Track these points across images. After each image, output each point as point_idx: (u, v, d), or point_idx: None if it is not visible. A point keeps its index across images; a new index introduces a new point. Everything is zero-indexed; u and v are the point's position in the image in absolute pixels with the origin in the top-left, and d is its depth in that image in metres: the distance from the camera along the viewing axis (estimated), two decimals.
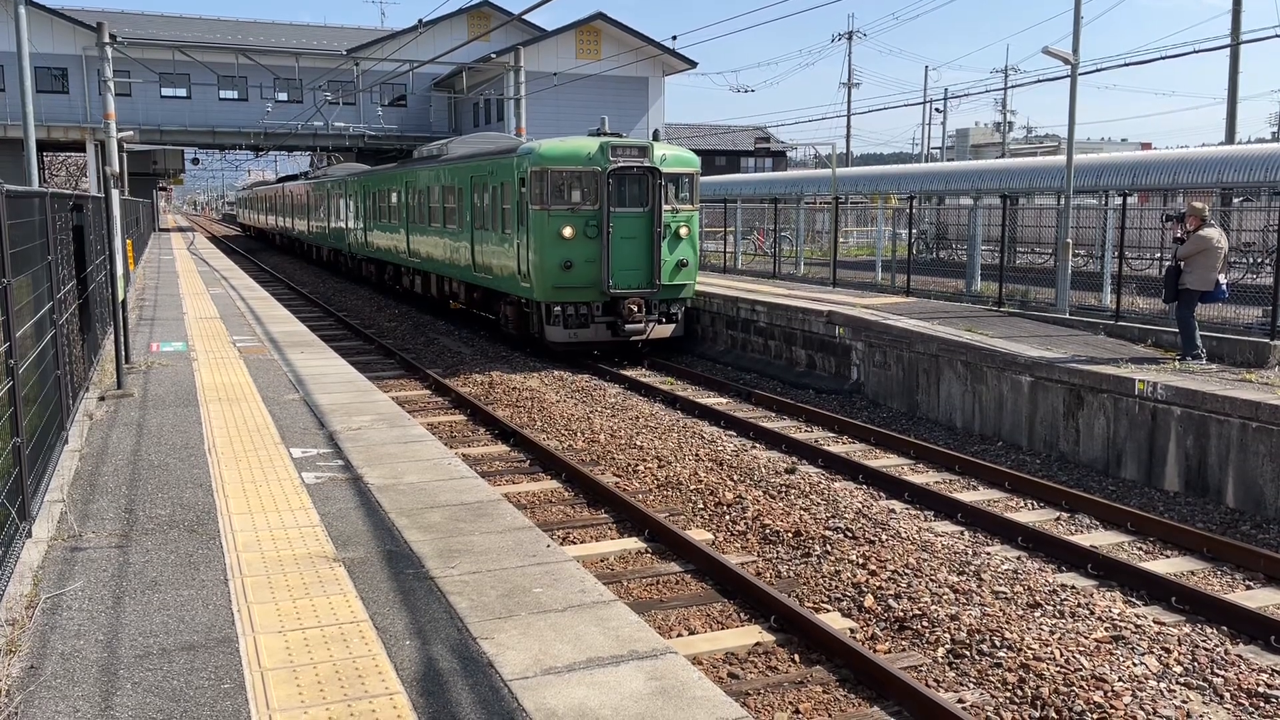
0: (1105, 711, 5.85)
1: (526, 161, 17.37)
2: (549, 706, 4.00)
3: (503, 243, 18.75)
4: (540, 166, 17.16)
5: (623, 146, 17.35)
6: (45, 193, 8.00)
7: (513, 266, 18.21)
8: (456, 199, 21.70)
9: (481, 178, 19.93)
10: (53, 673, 4.29)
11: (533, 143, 18.08)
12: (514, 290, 18.50)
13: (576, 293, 17.28)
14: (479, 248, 20.25)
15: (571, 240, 17.05)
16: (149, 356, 12.81)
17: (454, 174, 22.02)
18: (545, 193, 17.13)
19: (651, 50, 44.14)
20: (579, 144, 17.51)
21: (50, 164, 64.30)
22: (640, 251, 17.47)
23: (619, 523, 9.29)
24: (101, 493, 6.90)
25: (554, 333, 17.44)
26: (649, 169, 17.37)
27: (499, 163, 18.93)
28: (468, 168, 21.00)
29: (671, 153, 17.97)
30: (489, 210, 19.49)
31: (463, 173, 21.35)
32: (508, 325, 19.42)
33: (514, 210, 17.97)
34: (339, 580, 5.33)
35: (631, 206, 17.41)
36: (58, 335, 7.93)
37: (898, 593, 7.59)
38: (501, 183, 18.64)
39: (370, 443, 8.35)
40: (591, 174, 17.19)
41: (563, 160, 17.25)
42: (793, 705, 6.05)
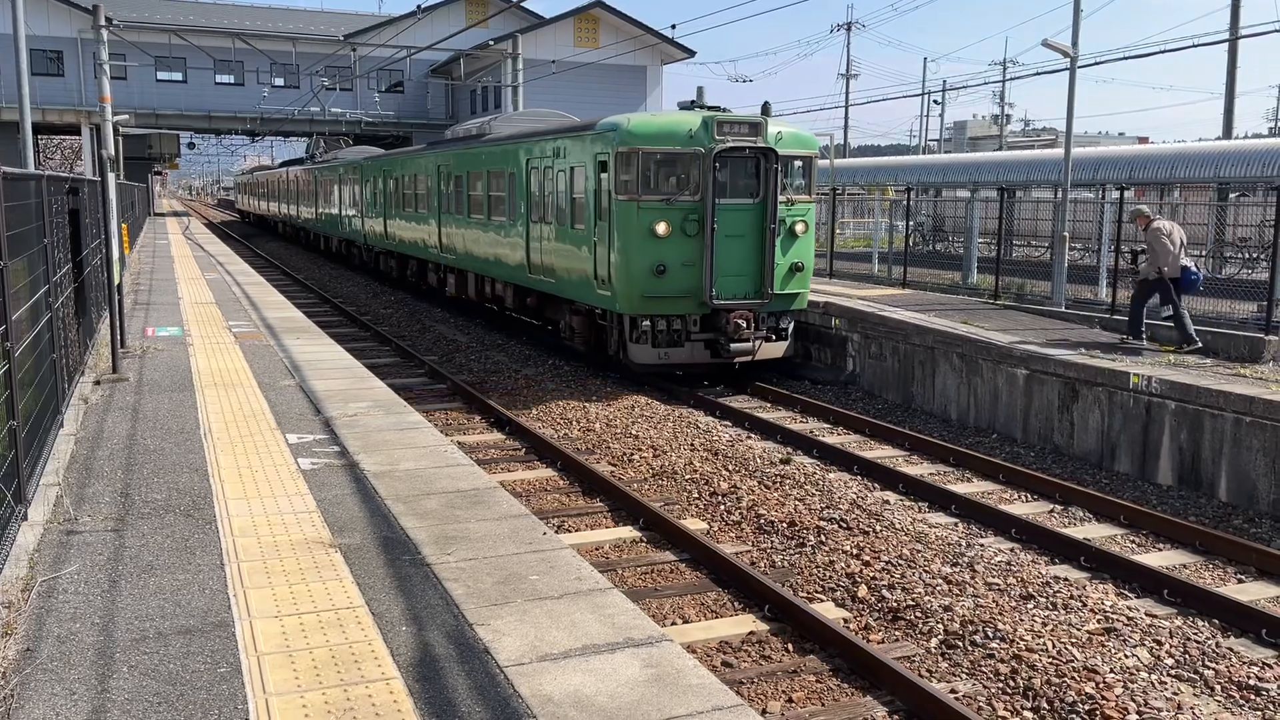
0: (1097, 703, 5.88)
1: (610, 140, 14.01)
2: (545, 693, 4.02)
3: (572, 240, 15.45)
4: (629, 147, 13.81)
5: (731, 122, 14.08)
6: (41, 175, 7.98)
7: (585, 269, 14.95)
8: (507, 186, 18.20)
9: (543, 161, 16.53)
10: (49, 655, 4.30)
11: (617, 117, 14.48)
12: (585, 298, 15.28)
13: (670, 304, 14.12)
14: (537, 245, 16.86)
15: (666, 239, 13.87)
16: (144, 341, 12.78)
17: (504, 156, 18.44)
18: (635, 179, 13.87)
19: (650, 39, 44.03)
20: (676, 119, 14.24)
21: (45, 147, 64.02)
22: (749, 253, 14.32)
23: (615, 511, 9.31)
24: (97, 477, 6.89)
25: (639, 352, 14.24)
26: (762, 150, 14.15)
27: (570, 142, 15.53)
28: (523, 149, 17.48)
29: (788, 131, 14.64)
30: (553, 200, 16.15)
31: (516, 155, 17.79)
32: (571, 338, 16.40)
33: (589, 200, 14.70)
34: (335, 566, 5.34)
35: (739, 197, 14.27)
36: (53, 319, 7.91)
37: (891, 583, 7.62)
38: (571, 167, 15.36)
39: (367, 429, 8.35)
40: (692, 156, 13.97)
41: (657, 138, 13.90)
42: (786, 694, 6.08)
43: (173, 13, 48.48)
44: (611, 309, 14.57)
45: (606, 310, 14.83)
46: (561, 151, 15.77)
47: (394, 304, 25.17)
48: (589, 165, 14.69)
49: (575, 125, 16.09)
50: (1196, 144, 25.89)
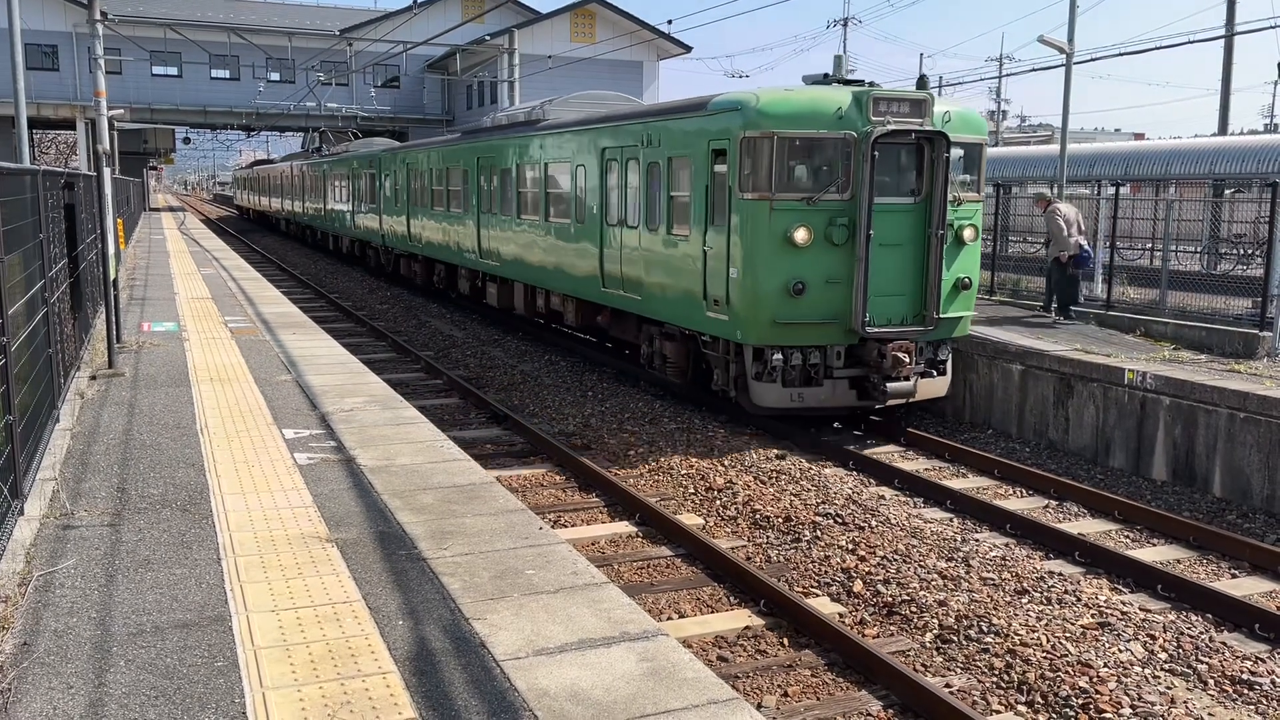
0: (1090, 696, 5.91)
1: (733, 122, 11.10)
2: (541, 686, 4.03)
3: (670, 249, 12.55)
4: (759, 130, 10.82)
5: (891, 99, 11.15)
6: (37, 170, 7.97)
7: (689, 286, 12.05)
8: (573, 181, 15.27)
9: (626, 150, 13.61)
10: (46, 650, 4.31)
11: (739, 93, 11.47)
12: (687, 322, 12.34)
13: (808, 332, 11.17)
14: (615, 254, 13.99)
15: (806, 249, 10.90)
16: (140, 336, 12.77)
17: (570, 146, 15.44)
18: (767, 172, 10.87)
19: (646, 34, 44.00)
20: (821, 96, 11.18)
21: (40, 142, 63.88)
22: (908, 266, 11.38)
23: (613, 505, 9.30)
24: (93, 471, 6.89)
25: (765, 392, 11.29)
26: (929, 135, 11.18)
27: (668, 126, 12.59)
28: (597, 136, 14.49)
29: (956, 111, 11.69)
30: (640, 198, 13.21)
31: (587, 144, 14.81)
32: (660, 367, 13.49)
33: (697, 199, 11.81)
34: (332, 560, 5.35)
35: (897, 195, 11.32)
36: (49, 314, 7.91)
37: (886, 578, 7.65)
38: (669, 157, 12.47)
39: (363, 424, 8.35)
40: (842, 142, 10.99)
41: (797, 119, 10.93)
42: (781, 688, 6.10)
43: (168, 7, 48.37)
44: (728, 337, 11.54)
45: (718, 338, 11.86)
46: (654, 138, 12.82)
47: (390, 299, 25.15)
48: (698, 154, 11.77)
49: (675, 105, 12.88)
50: (1192, 140, 25.94)
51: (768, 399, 11.37)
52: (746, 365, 11.45)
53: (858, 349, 11.49)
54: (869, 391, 11.57)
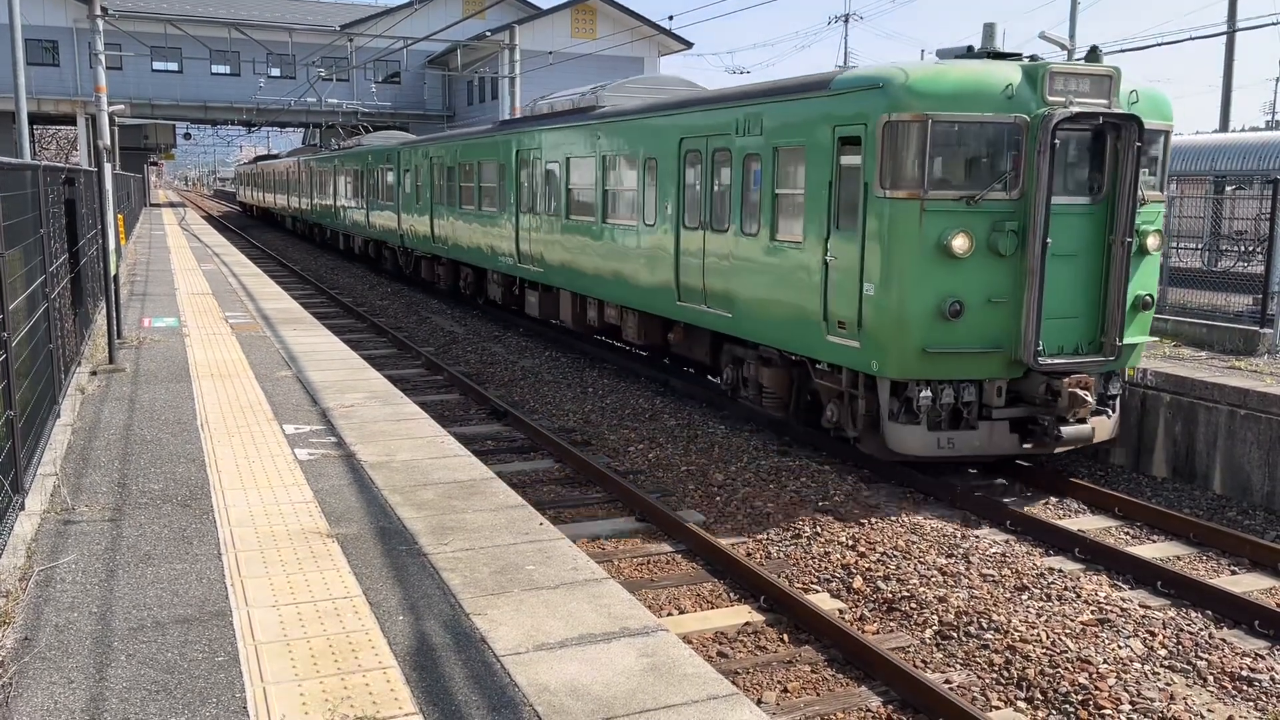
0: (1090, 693, 5.92)
1: (872, 102, 9.18)
2: (541, 682, 4.04)
3: (777, 258, 10.55)
4: (910, 113, 8.92)
5: (1070, 75, 9.19)
6: (38, 166, 7.97)
7: (807, 304, 10.08)
8: (642, 177, 13.29)
9: (713, 140, 11.62)
10: (47, 644, 4.31)
11: (880, 68, 9.54)
12: (802, 346, 10.35)
13: (964, 363, 9.27)
14: (695, 261, 12.04)
15: (965, 260, 9.04)
16: (141, 332, 12.78)
17: (640, 134, 13.39)
18: (919, 165, 8.99)
19: (647, 30, 43.98)
20: (983, 71, 9.21)
21: (40, 137, 63.88)
22: (1085, 282, 9.48)
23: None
24: (94, 467, 6.90)
25: (906, 436, 9.39)
26: (1114, 120, 9.25)
27: (775, 110, 10.52)
28: (677, 123, 12.44)
29: (1143, 90, 9.74)
30: (734, 196, 11.26)
31: (662, 131, 12.79)
32: (754, 397, 11.58)
33: (820, 198, 9.82)
34: (332, 556, 5.35)
35: (1073, 194, 9.41)
36: (50, 309, 7.92)
37: (886, 574, 7.66)
38: (775, 147, 10.48)
39: (363, 420, 8.36)
40: (1011, 129, 9.09)
41: (957, 99, 9.01)
42: (781, 684, 6.11)
43: (168, 2, 48.35)
44: (858, 367, 9.64)
45: (839, 367, 9.97)
46: (753, 125, 10.84)
47: (391, 295, 25.15)
48: (818, 143, 9.82)
49: (782, 85, 10.81)
50: (1193, 136, 25.92)
51: (909, 444, 9.35)
52: (881, 403, 9.45)
53: (1021, 384, 9.49)
54: (1039, 436, 9.53)
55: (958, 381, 9.40)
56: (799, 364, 10.85)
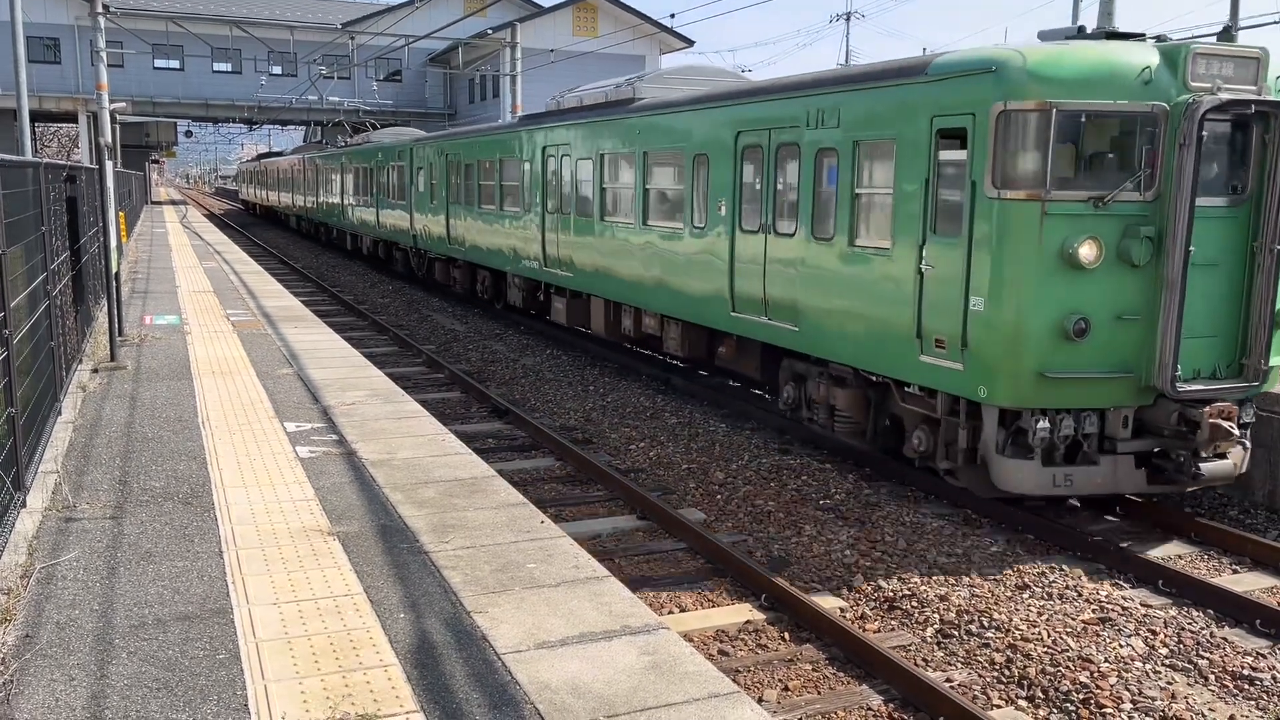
0: (1091, 691, 5.92)
1: (983, 89, 8.07)
2: (542, 680, 4.04)
3: (859, 266, 9.44)
4: (1032, 101, 7.82)
5: (1214, 56, 8.10)
6: (39, 163, 7.97)
7: (895, 318, 8.97)
8: (689, 174, 12.12)
9: (777, 133, 10.47)
10: (48, 641, 4.32)
11: (994, 50, 8.36)
12: (888, 366, 9.20)
13: (1087, 389, 8.19)
14: (753, 267, 10.93)
15: (1091, 271, 7.97)
16: (142, 329, 12.78)
17: (689, 128, 12.17)
18: (1040, 161, 7.87)
19: (648, 28, 43.98)
20: (1114, 53, 8.11)
21: (42, 135, 63.91)
22: (1225, 295, 8.41)
23: None
24: (95, 464, 6.90)
25: (1016, 471, 8.26)
26: (1268, 108, 8.14)
27: (860, 99, 9.38)
28: (733, 115, 11.25)
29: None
30: (805, 197, 10.06)
31: (715, 125, 11.59)
32: (824, 421, 10.28)
33: (912, 198, 8.73)
34: (333, 554, 5.36)
35: (1213, 195, 8.26)
36: (51, 307, 7.92)
37: (887, 573, 7.65)
38: (858, 141, 9.36)
39: (365, 418, 8.36)
40: (1145, 119, 7.99)
41: (1087, 85, 7.91)
42: (782, 683, 6.11)
43: (170, 0, 48.35)
44: (960, 393, 8.48)
45: (934, 391, 8.82)
46: (827, 116, 9.70)
47: (392, 293, 25.16)
48: (911, 136, 8.72)
49: (863, 71, 9.68)
50: None
51: (1020, 481, 8.23)
52: (987, 434, 8.37)
53: (1149, 413, 8.39)
54: (1165, 472, 8.45)
55: (1078, 410, 8.24)
56: (878, 385, 9.66)
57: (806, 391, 10.61)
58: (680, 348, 13.02)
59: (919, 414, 9.16)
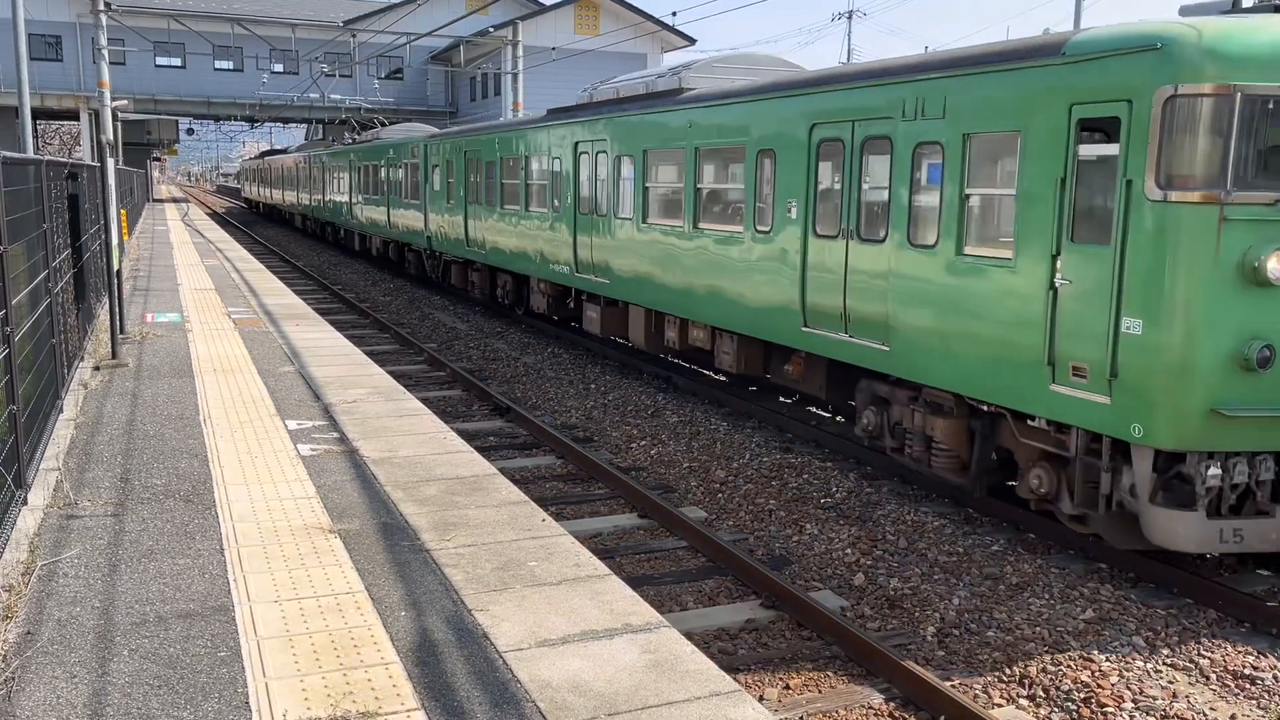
0: (1092, 691, 5.91)
1: (1143, 71, 6.89)
2: (543, 678, 4.04)
3: (974, 275, 8.13)
4: (1210, 84, 6.67)
5: None
6: (41, 160, 7.97)
7: (1020, 339, 7.71)
8: (753, 172, 10.92)
9: (863, 125, 9.31)
10: (49, 639, 4.32)
11: (1156, 24, 7.13)
12: (1009, 396, 7.90)
13: (1269, 430, 7.04)
14: (829, 277, 9.77)
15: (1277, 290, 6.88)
16: (144, 327, 12.79)
17: (751, 121, 10.99)
18: (1219, 156, 6.74)
19: (650, 26, 43.96)
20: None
21: (44, 132, 63.94)
22: None
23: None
24: (97, 461, 6.91)
25: (1176, 524, 7.01)
26: None
27: (975, 85, 8.13)
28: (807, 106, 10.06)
29: None
30: (899, 197, 8.86)
31: (784, 117, 10.40)
32: (918, 454, 9.01)
33: (1042, 200, 7.50)
34: (335, 551, 5.36)
35: None
36: (53, 304, 7.92)
37: (889, 572, 7.65)
38: (968, 133, 8.14)
39: (366, 416, 8.36)
40: None
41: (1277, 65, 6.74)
42: (783, 681, 6.11)
43: None
44: (1106, 430, 7.23)
45: (1066, 426, 7.57)
46: (929, 105, 8.52)
47: (393, 291, 25.16)
48: (1044, 126, 7.47)
49: (978, 53, 8.35)
50: None
51: (1179, 535, 7.00)
52: (1138, 479, 7.11)
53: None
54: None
55: (1252, 454, 7.04)
56: (986, 414, 8.42)
57: (890, 417, 9.37)
58: (734, 364, 11.88)
59: (1040, 451, 7.90)
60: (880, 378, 9.53)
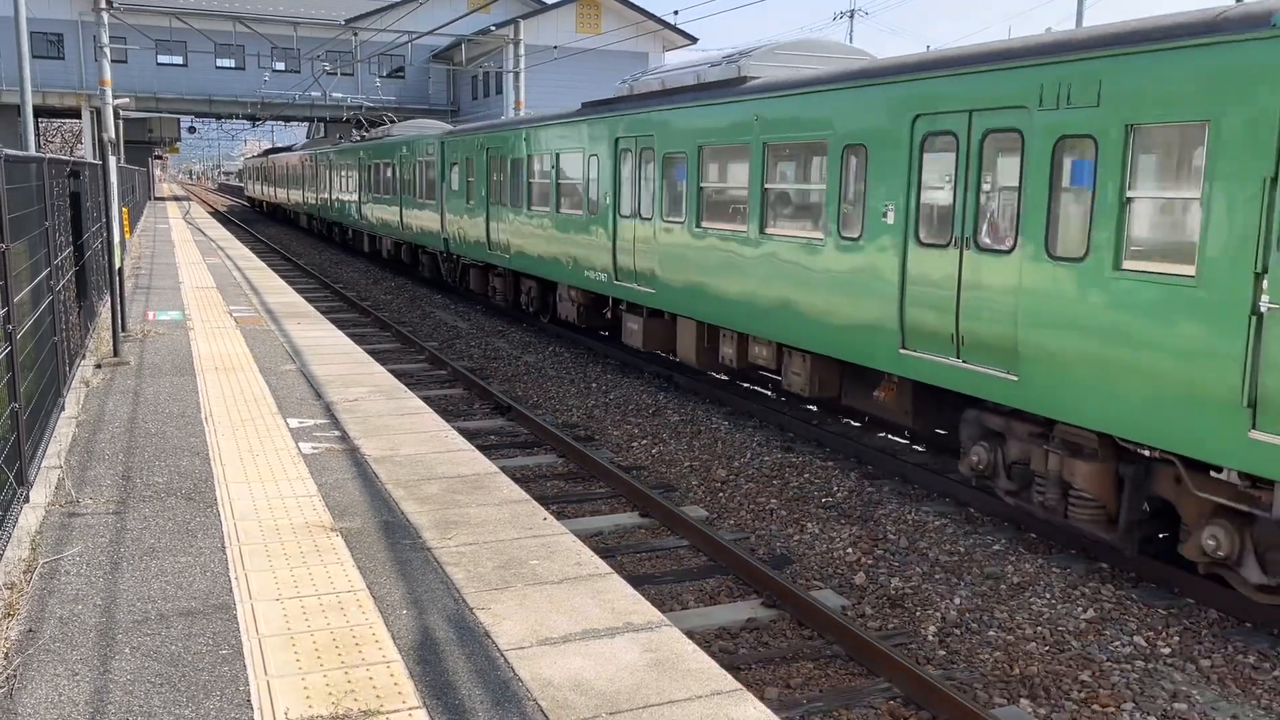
0: (1093, 691, 5.91)
1: None
2: (545, 676, 4.04)
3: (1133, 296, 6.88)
4: None
5: None
6: (43, 158, 7.97)
7: (1200, 376, 6.45)
8: (838, 171, 9.62)
9: (984, 116, 8.03)
10: (51, 636, 4.32)
11: None
12: (1179, 439, 6.61)
13: None
14: (940, 293, 8.45)
15: None
16: (145, 325, 12.79)
17: (836, 112, 9.66)
18: None
19: (652, 25, 43.94)
20: None
21: (45, 130, 63.95)
22: None
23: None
24: (98, 459, 6.91)
25: None
26: None
27: (1138, 67, 6.82)
28: (911, 98, 8.74)
29: None
30: (1033, 200, 7.58)
31: (879, 112, 9.11)
32: (1051, 502, 7.69)
33: (1244, 207, 6.16)
34: (336, 550, 5.36)
35: None
36: (55, 302, 7.92)
37: (890, 571, 7.65)
38: (1132, 124, 6.85)
39: (367, 414, 8.36)
40: None
41: None
42: (784, 680, 6.11)
43: None
44: None
45: (1275, 482, 6.24)
46: (1076, 92, 7.26)
47: (394, 290, 25.16)
48: (1242, 116, 6.19)
49: (1141, 27, 6.97)
50: None
51: None
52: None
53: None
54: None
55: None
56: (1141, 458, 7.24)
57: (1006, 455, 8.15)
58: (807, 386, 10.50)
59: (1216, 506, 6.69)
60: (992, 408, 8.31)
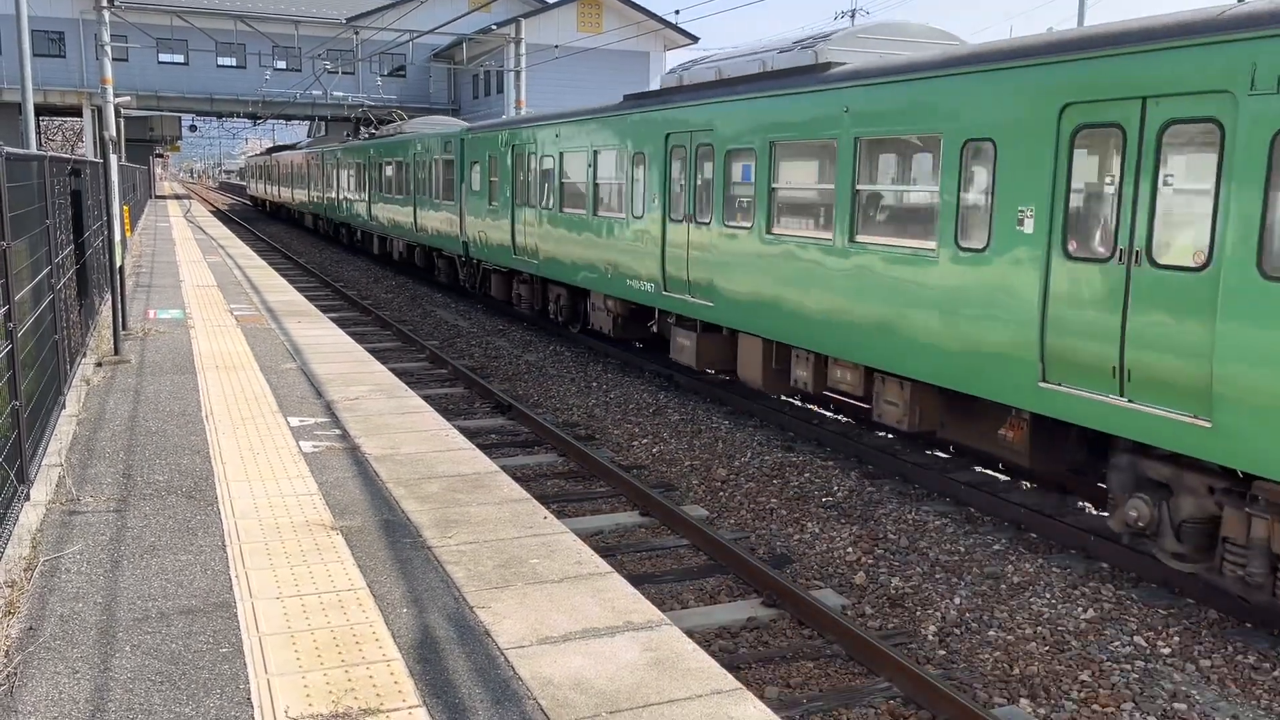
0: (1093, 691, 5.91)
1: None
2: (545, 675, 4.04)
3: None
4: None
5: None
6: (44, 156, 7.97)
7: None
8: (949, 172, 8.42)
9: (1163, 108, 6.60)
10: (51, 634, 4.32)
11: None
12: None
13: None
14: (1092, 316, 7.12)
15: None
16: (146, 323, 12.80)
17: (951, 109, 8.39)
18: None
19: (653, 24, 43.94)
20: None
21: (46, 128, 63.98)
22: None
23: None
24: (99, 458, 6.91)
25: None
26: None
27: None
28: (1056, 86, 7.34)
29: None
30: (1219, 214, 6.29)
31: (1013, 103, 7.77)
32: (1252, 580, 6.37)
33: None
34: (336, 548, 5.36)
35: None
36: (55, 300, 7.92)
37: (890, 570, 7.65)
38: None
39: (368, 413, 8.37)
40: None
41: None
42: (784, 680, 6.11)
43: None
44: None
45: None
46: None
47: (395, 289, 25.17)
48: None
49: None
50: None
51: None
52: None
53: None
54: None
55: None
56: None
57: (1174, 512, 6.91)
58: (906, 417, 9.19)
59: None
60: (1157, 455, 7.04)
